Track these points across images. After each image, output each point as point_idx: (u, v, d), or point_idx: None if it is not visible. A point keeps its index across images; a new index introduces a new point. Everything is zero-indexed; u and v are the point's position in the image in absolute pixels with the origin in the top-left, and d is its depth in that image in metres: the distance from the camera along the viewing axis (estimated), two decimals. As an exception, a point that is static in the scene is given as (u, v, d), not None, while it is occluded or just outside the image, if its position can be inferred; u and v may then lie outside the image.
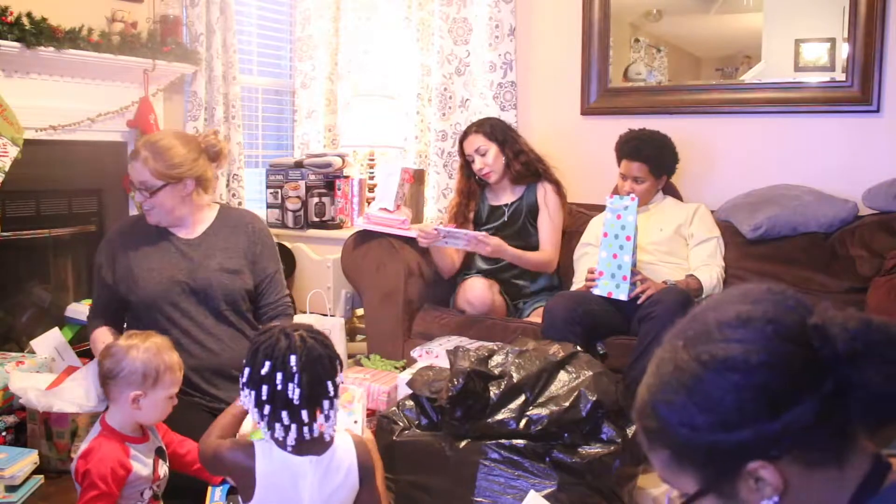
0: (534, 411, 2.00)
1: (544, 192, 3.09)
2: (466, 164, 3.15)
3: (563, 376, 2.07)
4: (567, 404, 1.98)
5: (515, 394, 2.04)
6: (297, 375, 1.43)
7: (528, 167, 3.08)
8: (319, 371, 1.46)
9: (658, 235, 2.88)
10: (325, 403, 1.46)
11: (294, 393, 1.42)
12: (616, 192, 2.93)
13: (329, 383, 1.47)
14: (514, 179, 3.10)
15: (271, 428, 1.46)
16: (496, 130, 3.07)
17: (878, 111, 3.04)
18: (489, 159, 3.05)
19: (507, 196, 3.15)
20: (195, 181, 2.27)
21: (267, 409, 1.44)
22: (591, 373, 2.06)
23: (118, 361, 1.74)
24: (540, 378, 2.05)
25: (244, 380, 1.47)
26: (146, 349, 1.75)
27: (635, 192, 2.83)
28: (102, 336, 2.25)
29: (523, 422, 1.99)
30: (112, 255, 2.29)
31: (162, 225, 2.29)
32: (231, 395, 2.11)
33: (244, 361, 1.49)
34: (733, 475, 0.81)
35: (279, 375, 1.43)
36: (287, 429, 1.45)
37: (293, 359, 1.43)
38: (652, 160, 2.87)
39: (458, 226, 3.07)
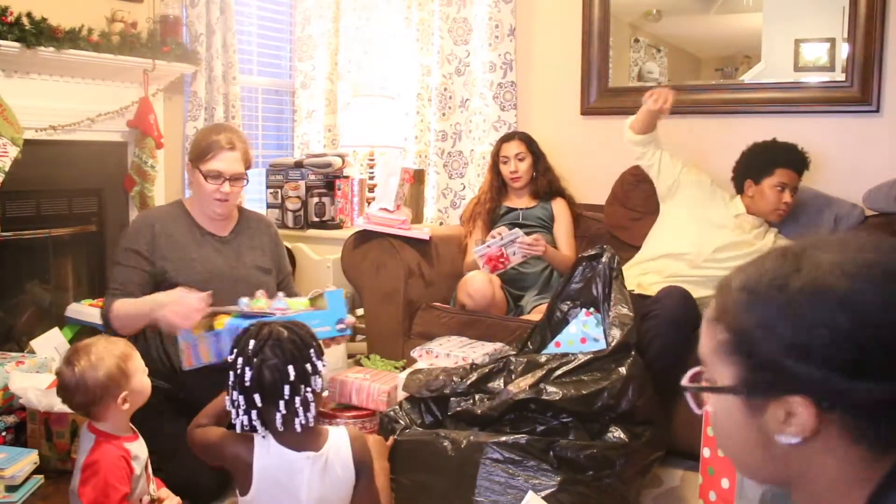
0: (551, 387, 2.05)
1: (560, 206, 3.30)
2: (496, 164, 3.34)
3: (600, 367, 2.12)
4: (585, 392, 2.04)
5: (536, 368, 2.13)
6: (252, 359, 1.45)
7: (551, 185, 3.32)
8: (279, 354, 1.46)
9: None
10: (286, 389, 1.45)
11: (247, 375, 1.44)
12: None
13: (290, 368, 1.46)
14: (534, 192, 3.31)
15: (236, 415, 1.48)
16: (534, 145, 3.32)
17: (878, 111, 3.04)
18: (524, 166, 3.26)
19: (523, 202, 3.33)
20: None
21: (234, 394, 1.47)
22: (624, 375, 2.09)
23: (84, 388, 1.69)
24: (567, 359, 2.13)
25: None
26: (98, 360, 1.70)
27: (789, 204, 2.78)
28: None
29: (534, 390, 2.06)
30: (152, 238, 2.31)
31: (224, 217, 2.37)
32: None
33: None
34: (773, 395, 0.76)
35: (240, 360, 1.46)
36: (246, 413, 1.46)
37: (252, 343, 1.46)
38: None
39: (471, 231, 3.32)
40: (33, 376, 2.39)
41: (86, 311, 2.94)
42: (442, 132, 3.81)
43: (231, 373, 1.47)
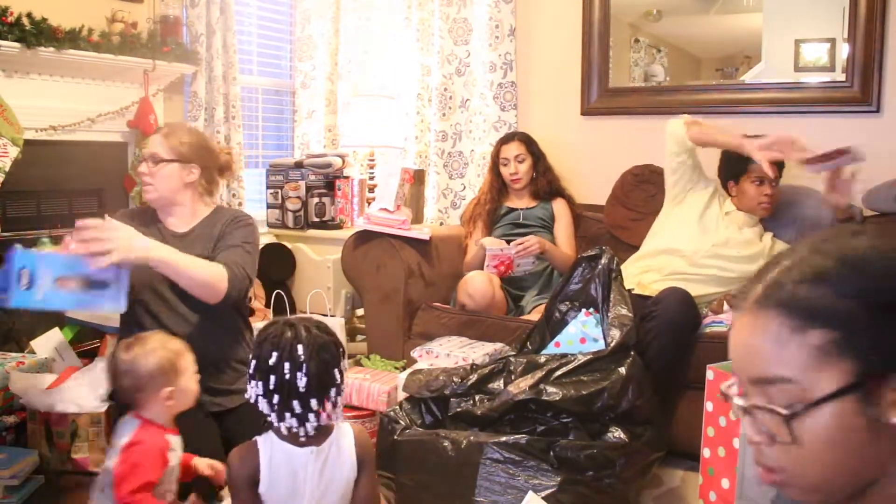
0: (551, 387, 2.06)
1: (560, 207, 3.31)
2: (496, 165, 3.35)
3: (600, 367, 2.12)
4: (585, 393, 2.04)
5: (536, 368, 2.13)
6: (304, 365, 1.45)
7: (551, 185, 3.32)
8: (327, 358, 1.48)
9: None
10: (332, 391, 1.49)
11: (302, 381, 1.45)
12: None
13: (336, 371, 1.49)
14: (535, 192, 3.32)
15: (282, 418, 1.48)
16: (534, 146, 3.33)
17: (878, 111, 3.04)
18: (523, 168, 3.27)
19: (523, 202, 3.34)
20: (201, 173, 2.31)
21: (276, 398, 1.46)
22: (623, 375, 2.09)
23: (133, 373, 1.74)
24: (566, 360, 2.13)
25: (251, 371, 1.50)
26: (151, 350, 1.77)
27: (770, 195, 2.80)
28: None
29: (535, 390, 2.06)
30: None
31: (157, 204, 2.31)
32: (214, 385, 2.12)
33: (251, 353, 1.51)
34: (890, 373, 0.70)
35: (287, 365, 1.45)
36: (301, 418, 1.47)
37: (300, 348, 1.46)
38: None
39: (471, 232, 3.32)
40: (33, 376, 2.39)
41: (86, 311, 2.94)
42: (442, 132, 3.81)
43: (273, 376, 1.46)
